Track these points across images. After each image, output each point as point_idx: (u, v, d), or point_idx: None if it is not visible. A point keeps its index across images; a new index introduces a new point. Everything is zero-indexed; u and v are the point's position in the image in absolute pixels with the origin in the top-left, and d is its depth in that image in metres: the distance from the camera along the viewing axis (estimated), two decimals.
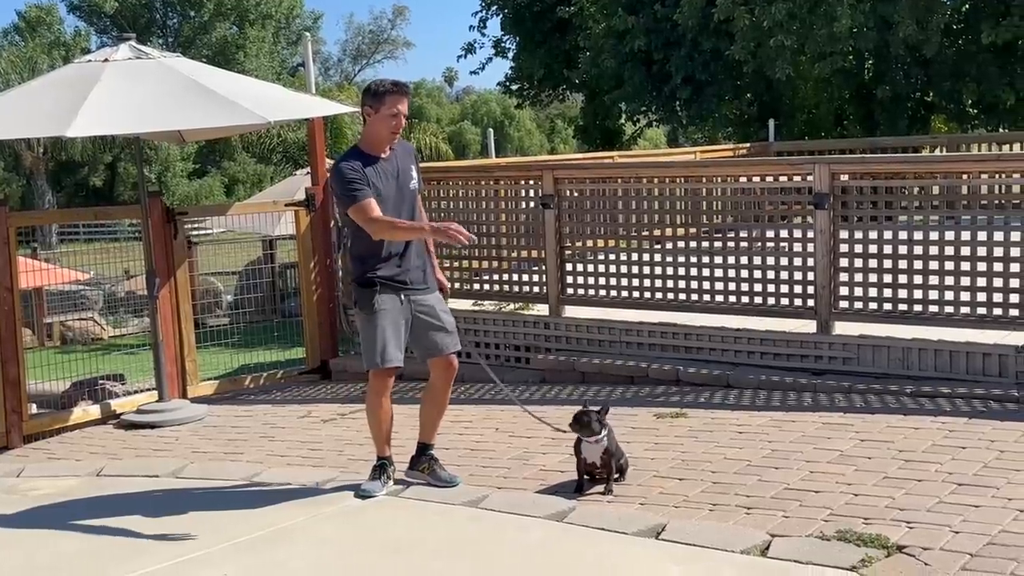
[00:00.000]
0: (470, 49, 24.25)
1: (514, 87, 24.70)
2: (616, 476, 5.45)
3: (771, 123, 16.24)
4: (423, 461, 5.48)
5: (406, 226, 5.15)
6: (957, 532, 4.44)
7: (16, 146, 37.61)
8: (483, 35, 24.15)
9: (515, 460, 6.13)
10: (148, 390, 8.79)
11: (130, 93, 7.37)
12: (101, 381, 9.97)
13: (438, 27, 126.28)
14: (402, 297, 5.24)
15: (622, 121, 22.87)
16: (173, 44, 56.54)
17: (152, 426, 8.04)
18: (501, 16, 23.27)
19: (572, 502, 5.09)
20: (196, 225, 16.49)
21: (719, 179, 8.09)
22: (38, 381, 9.48)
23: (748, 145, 15.45)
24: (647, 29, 18.93)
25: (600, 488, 5.37)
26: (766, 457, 5.78)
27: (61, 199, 46.59)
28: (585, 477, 5.44)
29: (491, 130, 21.95)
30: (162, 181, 49.86)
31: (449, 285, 5.86)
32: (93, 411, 8.40)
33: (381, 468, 5.39)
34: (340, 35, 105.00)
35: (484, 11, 23.47)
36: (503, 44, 23.92)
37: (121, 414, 8.34)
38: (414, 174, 5.36)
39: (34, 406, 9.59)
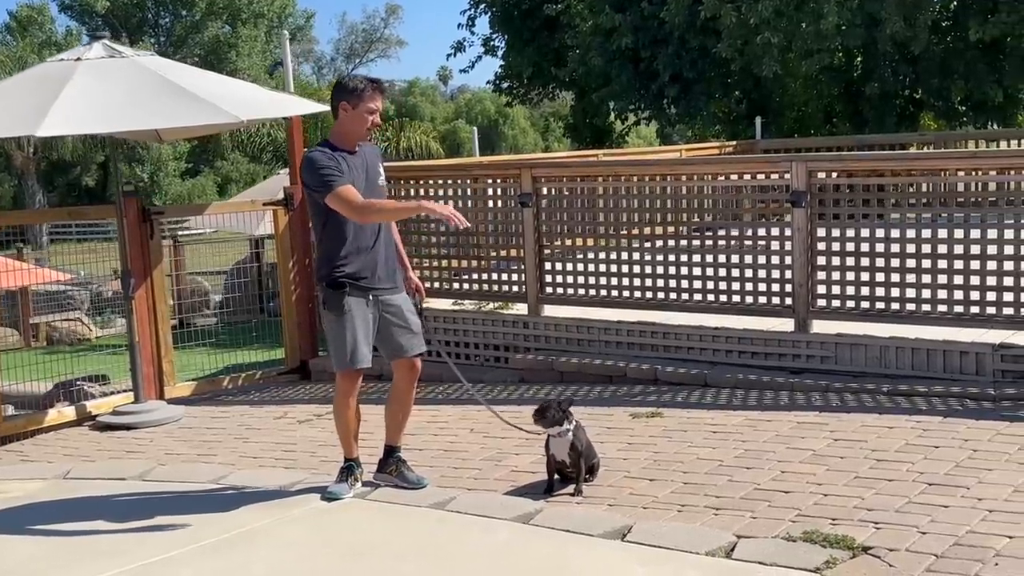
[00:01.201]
0: (460, 47, 24.20)
1: (504, 85, 24.63)
2: (587, 476, 5.41)
3: (758, 121, 16.19)
4: (391, 463, 5.43)
5: (394, 205, 5.09)
6: (924, 533, 4.40)
7: (7, 146, 37.51)
8: (472, 33, 24.03)
9: (487, 461, 6.09)
10: (125, 391, 8.72)
11: (102, 92, 7.31)
12: (79, 382, 9.90)
13: (431, 25, 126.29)
14: (370, 297, 5.18)
15: (611, 119, 22.82)
16: (165, 43, 56.44)
17: (127, 428, 7.99)
18: (489, 14, 23.22)
19: (540, 503, 5.05)
20: (182, 225, 16.45)
21: (697, 177, 8.04)
22: (20, 382, 9.41)
23: (735, 143, 15.40)
24: (634, 27, 18.88)
25: (570, 489, 5.33)
26: (738, 457, 5.73)
27: (54, 199, 46.52)
28: (556, 477, 5.39)
29: (475, 128, 21.85)
30: (155, 181, 49.74)
31: (424, 286, 5.82)
32: (69, 413, 8.33)
33: (348, 470, 5.34)
34: (333, 34, 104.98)
35: (472, 9, 23.43)
36: (492, 42, 23.86)
37: (97, 416, 8.29)
38: (381, 171, 5.31)
39: (11, 408, 9.54)
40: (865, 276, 7.21)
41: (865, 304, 7.23)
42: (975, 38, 16.72)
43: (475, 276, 9.04)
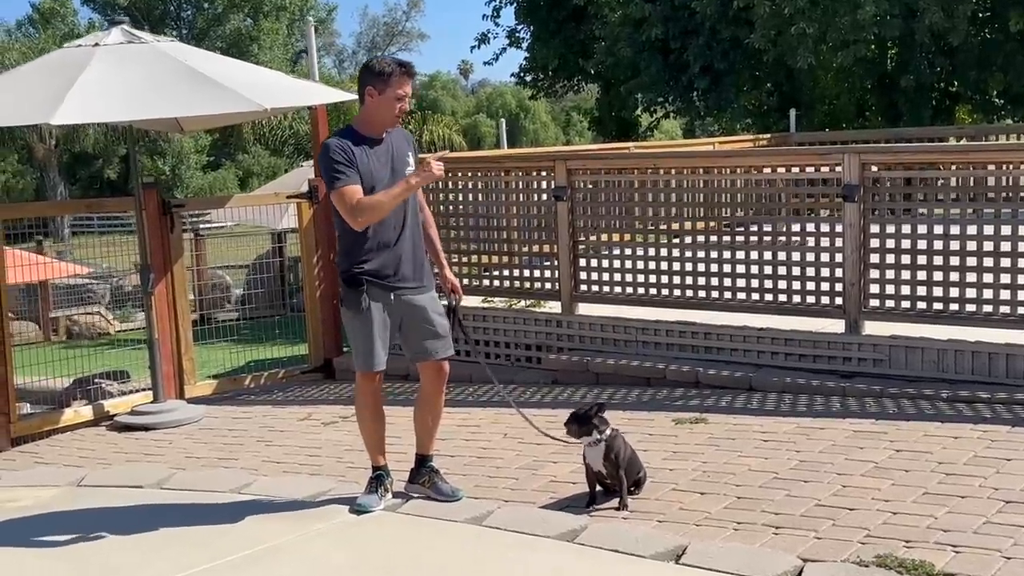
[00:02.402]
0: (484, 39, 23.79)
1: (528, 78, 24.21)
2: (632, 489, 5.06)
3: (792, 113, 15.76)
4: (423, 474, 5.08)
5: (391, 195, 4.68)
6: (1009, 558, 4.03)
7: (28, 138, 37.37)
8: (497, 25, 23.60)
9: (524, 469, 5.75)
10: (144, 390, 8.42)
11: (120, 79, 7.00)
12: (97, 380, 9.63)
13: (452, 19, 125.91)
14: (391, 296, 4.83)
15: (638, 112, 22.38)
16: (187, 36, 56.26)
17: (146, 428, 7.70)
18: (515, 5, 22.81)
19: (584, 519, 4.69)
20: (203, 218, 16.19)
21: (741, 170, 7.66)
22: (39, 378, 9.10)
23: (768, 136, 14.99)
24: (664, 17, 18.45)
25: (614, 502, 4.98)
26: (794, 468, 5.37)
27: (76, 191, 46.39)
28: (598, 488, 5.05)
29: (503, 120, 21.48)
30: (176, 173, 49.66)
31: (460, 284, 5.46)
32: (85, 412, 8.04)
33: (377, 480, 5.00)
34: (355, 27, 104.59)
35: (498, 0, 23.01)
36: (517, 34, 23.45)
37: (115, 415, 8.00)
38: (411, 160, 4.94)
39: (27, 406, 9.26)
40: (921, 275, 6.82)
41: (921, 304, 6.84)
42: (1015, 29, 16.22)
43: (506, 272, 8.68)
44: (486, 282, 8.77)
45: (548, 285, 8.36)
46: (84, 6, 56.51)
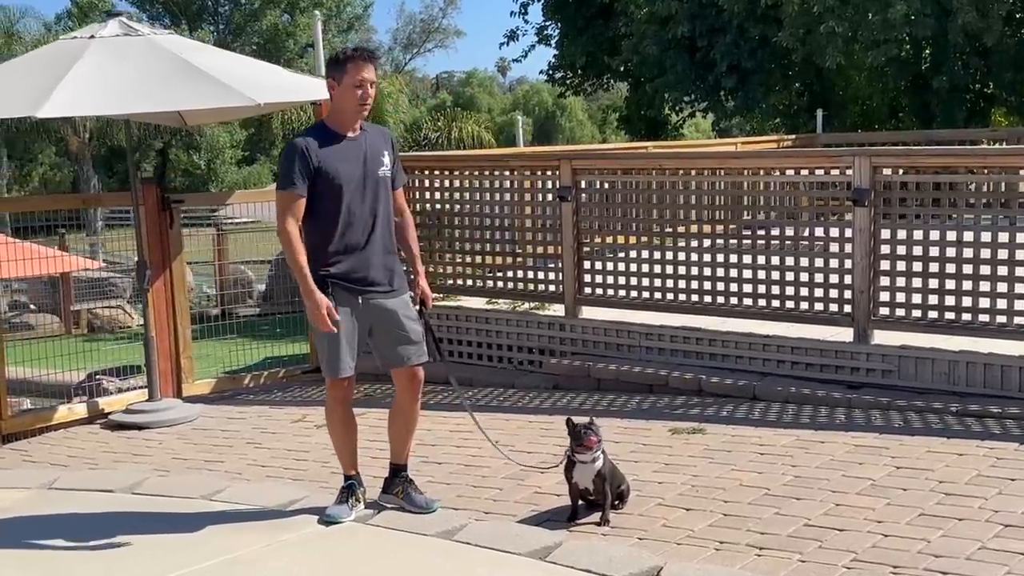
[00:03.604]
0: (513, 36, 23.61)
1: (557, 75, 24.00)
2: (615, 503, 4.86)
3: (819, 113, 15.44)
4: (397, 484, 4.90)
5: (297, 262, 4.50)
6: None
7: (62, 131, 37.61)
8: (526, 22, 23.40)
9: (509, 480, 5.56)
10: (142, 387, 8.30)
11: (114, 72, 6.88)
12: (102, 375, 9.53)
13: (490, 16, 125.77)
14: (359, 300, 4.65)
15: (666, 111, 22.09)
16: (224, 32, 56.60)
17: (139, 427, 7.58)
18: (543, 1, 22.59)
19: (559, 536, 4.48)
20: (212, 213, 16.14)
21: (749, 172, 7.41)
22: (54, 371, 9.00)
23: (794, 137, 14.69)
24: (691, 15, 18.17)
25: (596, 516, 4.78)
26: (787, 484, 5.14)
27: (113, 184, 46.70)
28: (580, 503, 4.86)
29: (520, 117, 21.24)
30: (211, 168, 49.93)
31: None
32: (79, 410, 7.93)
33: (349, 490, 4.82)
34: (391, 23, 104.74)
35: None
36: (546, 31, 23.23)
37: (110, 413, 7.88)
38: (386, 160, 4.74)
39: (27, 401, 9.19)
40: (933, 283, 6.56)
41: (933, 314, 6.58)
42: None
43: (510, 274, 8.48)
44: (489, 283, 8.58)
45: (552, 287, 8.16)
46: (123, 1, 56.82)
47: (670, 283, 7.56)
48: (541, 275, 8.26)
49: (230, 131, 48.02)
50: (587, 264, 7.93)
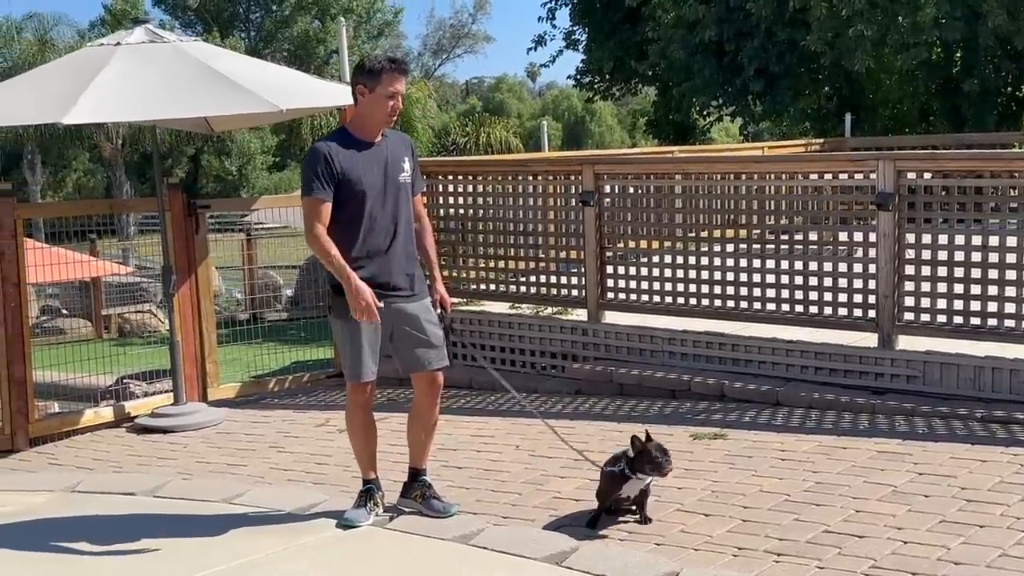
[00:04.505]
0: (540, 41, 23.58)
1: (585, 80, 23.97)
2: (634, 507, 4.87)
3: (847, 117, 15.33)
4: (415, 488, 4.91)
5: (333, 258, 4.52)
6: None
7: (95, 137, 38.02)
8: (553, 27, 23.37)
9: (529, 484, 5.55)
10: (168, 391, 8.37)
11: (139, 78, 6.94)
12: (129, 379, 9.62)
13: (519, 21, 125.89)
14: (381, 304, 4.67)
15: (694, 115, 22.02)
16: (255, 39, 57.00)
17: (164, 431, 7.63)
18: (570, 6, 22.57)
19: (575, 542, 4.47)
20: (241, 218, 16.25)
21: (772, 176, 7.37)
22: (85, 375, 9.09)
23: (822, 141, 14.59)
24: (719, 19, 18.08)
25: (618, 523, 4.77)
26: (808, 491, 5.11)
27: (145, 190, 47.15)
28: (604, 512, 4.85)
29: (544, 122, 21.20)
30: (243, 173, 50.30)
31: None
32: (105, 413, 8.00)
33: (367, 494, 4.84)
34: (421, 29, 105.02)
35: (553, 1, 22.78)
36: (573, 36, 23.20)
37: (136, 416, 7.95)
38: (406, 167, 4.77)
39: (55, 405, 9.29)
40: (959, 288, 6.50)
41: (958, 319, 6.52)
42: None
43: (533, 279, 8.48)
44: (512, 288, 8.58)
45: (575, 292, 8.15)
46: (155, 7, 57.32)
47: (693, 288, 7.53)
48: (564, 280, 8.25)
49: (261, 137, 48.36)
50: (610, 269, 7.92)
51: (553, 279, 8.34)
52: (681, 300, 7.60)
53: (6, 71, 33.14)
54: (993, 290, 6.38)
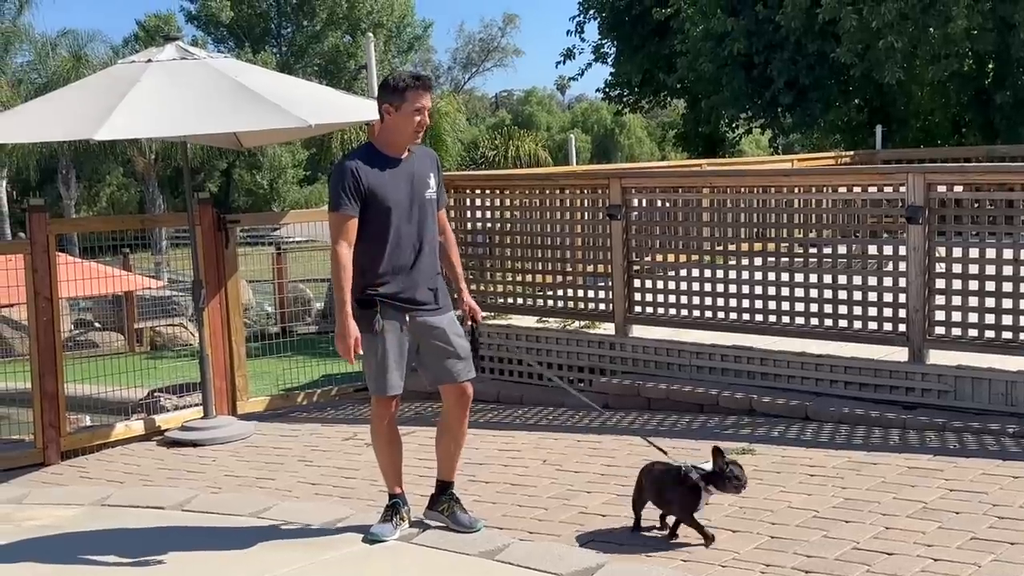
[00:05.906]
0: (569, 54, 23.63)
1: (613, 93, 24.00)
2: (659, 525, 4.85)
3: (878, 129, 15.24)
4: (443, 501, 4.92)
5: (340, 286, 4.57)
6: None
7: (129, 151, 38.39)
8: (582, 40, 23.44)
9: (555, 499, 5.54)
10: (197, 405, 8.42)
11: (170, 95, 7.02)
12: (157, 393, 9.68)
13: (548, 35, 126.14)
14: (406, 318, 4.68)
15: (723, 128, 21.98)
16: (287, 53, 57.41)
17: (194, 444, 7.68)
18: (599, 20, 22.62)
19: (602, 557, 4.46)
20: (272, 232, 16.36)
21: (801, 189, 7.34)
22: (118, 388, 9.17)
23: (852, 153, 14.51)
24: (747, 31, 18.06)
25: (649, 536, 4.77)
26: (837, 507, 5.07)
27: (178, 204, 47.59)
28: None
29: (571, 135, 21.22)
30: (274, 187, 50.64)
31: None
32: (136, 427, 8.06)
33: (393, 508, 4.85)
34: (451, 43, 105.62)
35: (581, 15, 22.84)
36: (602, 49, 23.25)
37: (166, 430, 8.00)
38: (432, 182, 4.79)
39: (87, 418, 9.37)
40: (991, 302, 6.44)
41: (990, 333, 6.45)
42: None
43: (560, 292, 8.48)
44: (540, 302, 8.58)
45: (602, 306, 8.14)
46: (188, 24, 57.87)
47: (721, 302, 7.51)
48: (591, 294, 8.24)
49: (292, 151, 48.69)
50: (637, 283, 7.90)
51: (580, 293, 8.33)
52: (709, 314, 7.57)
53: (41, 87, 33.54)
54: None
